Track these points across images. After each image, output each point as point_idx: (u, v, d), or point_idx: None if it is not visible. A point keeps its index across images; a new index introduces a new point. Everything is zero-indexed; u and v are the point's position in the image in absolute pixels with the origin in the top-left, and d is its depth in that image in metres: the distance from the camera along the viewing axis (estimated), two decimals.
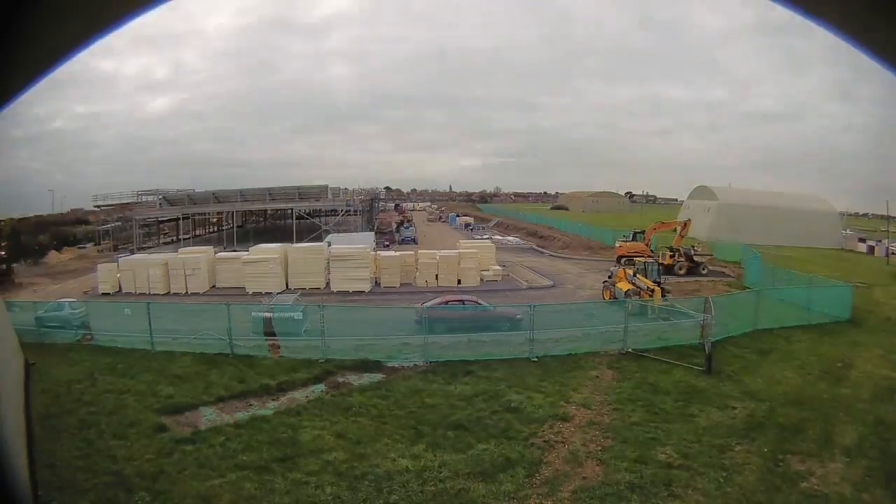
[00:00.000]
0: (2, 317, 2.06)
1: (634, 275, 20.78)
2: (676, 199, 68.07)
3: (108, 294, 24.25)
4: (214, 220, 48.10)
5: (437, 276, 25.53)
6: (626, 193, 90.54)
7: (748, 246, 30.00)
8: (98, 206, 44.98)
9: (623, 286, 20.21)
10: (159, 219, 41.62)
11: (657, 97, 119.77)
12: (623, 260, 30.18)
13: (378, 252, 27.91)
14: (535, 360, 14.56)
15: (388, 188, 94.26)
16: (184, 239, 42.37)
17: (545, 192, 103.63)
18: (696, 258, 28.13)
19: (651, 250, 30.20)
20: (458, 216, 61.72)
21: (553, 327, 16.02)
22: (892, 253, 36.82)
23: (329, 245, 27.24)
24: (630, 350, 15.13)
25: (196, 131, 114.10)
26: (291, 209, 41.52)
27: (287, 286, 24.36)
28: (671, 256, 27.90)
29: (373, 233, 38.22)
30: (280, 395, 12.57)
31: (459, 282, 25.44)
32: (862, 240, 42.31)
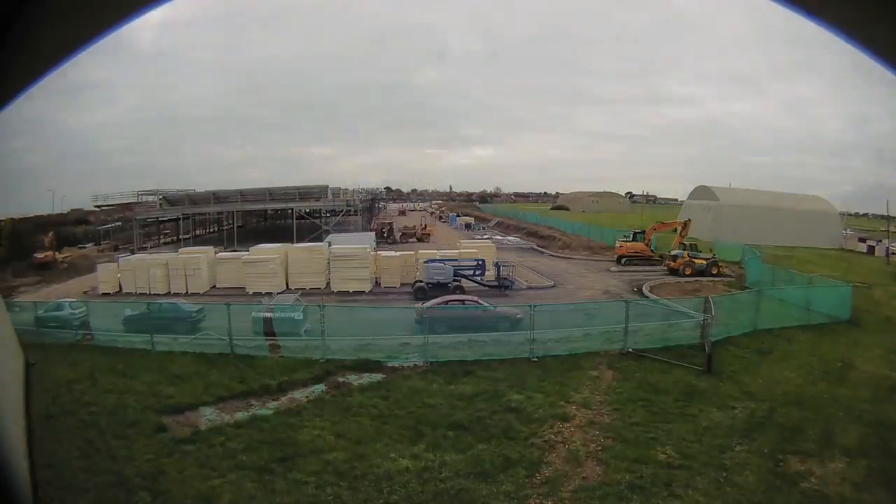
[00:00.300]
0: (2, 317, 2.06)
1: None
2: (676, 200, 67.88)
3: (109, 294, 24.28)
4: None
5: None
6: (627, 193, 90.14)
7: (748, 246, 29.98)
8: (98, 207, 44.91)
9: None
10: (160, 219, 41.62)
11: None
12: (624, 260, 30.18)
13: (378, 252, 27.91)
14: (536, 360, 14.56)
15: (388, 188, 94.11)
16: (184, 239, 42.36)
17: (545, 192, 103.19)
18: (696, 260, 27.93)
19: (651, 250, 30.19)
20: (458, 216, 61.72)
21: (553, 327, 16.04)
22: (893, 253, 36.74)
23: (329, 245, 27.24)
24: (630, 350, 15.13)
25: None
26: (291, 209, 41.55)
27: (287, 286, 24.33)
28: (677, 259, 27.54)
29: (373, 233, 38.20)
30: (280, 395, 12.58)
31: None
32: (862, 240, 42.20)
